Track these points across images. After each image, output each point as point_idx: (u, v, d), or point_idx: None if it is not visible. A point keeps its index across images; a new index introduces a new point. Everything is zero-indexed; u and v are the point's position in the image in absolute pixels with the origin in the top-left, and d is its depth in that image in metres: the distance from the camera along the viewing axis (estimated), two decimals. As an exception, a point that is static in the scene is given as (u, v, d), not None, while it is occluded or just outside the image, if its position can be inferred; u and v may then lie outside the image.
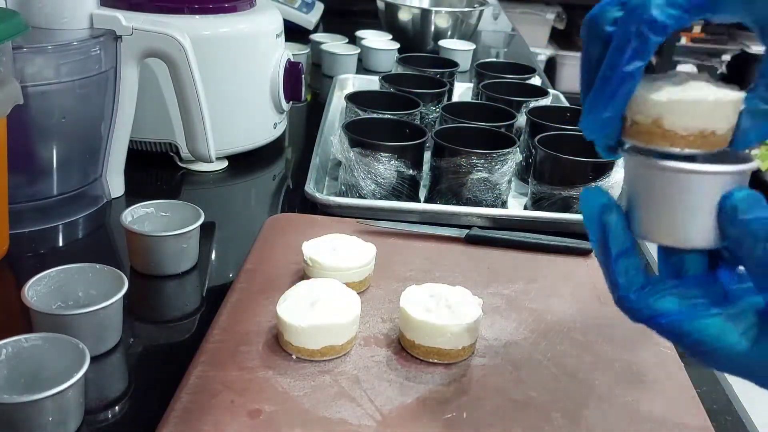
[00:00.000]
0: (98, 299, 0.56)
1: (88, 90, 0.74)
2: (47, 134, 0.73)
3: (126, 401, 0.54)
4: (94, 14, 0.73)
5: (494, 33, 1.93)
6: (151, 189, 0.87)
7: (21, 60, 0.66)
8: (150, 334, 0.63)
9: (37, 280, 0.57)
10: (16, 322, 0.60)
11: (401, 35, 1.53)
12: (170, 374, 0.54)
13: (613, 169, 0.81)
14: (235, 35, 0.89)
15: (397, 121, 0.90)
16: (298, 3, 1.57)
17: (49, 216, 0.75)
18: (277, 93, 0.95)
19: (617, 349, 0.59)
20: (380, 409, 0.51)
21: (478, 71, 1.16)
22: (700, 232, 0.39)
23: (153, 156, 0.90)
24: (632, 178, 0.41)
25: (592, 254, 0.73)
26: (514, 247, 0.74)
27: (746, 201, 0.37)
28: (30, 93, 0.67)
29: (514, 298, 0.66)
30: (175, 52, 0.77)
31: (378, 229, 0.75)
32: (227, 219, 0.84)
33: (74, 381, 0.47)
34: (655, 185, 0.39)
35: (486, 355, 0.58)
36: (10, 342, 0.50)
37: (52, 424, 0.47)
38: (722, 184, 0.38)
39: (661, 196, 0.39)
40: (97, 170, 0.79)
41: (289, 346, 0.55)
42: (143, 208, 0.70)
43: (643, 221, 0.40)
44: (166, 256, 0.67)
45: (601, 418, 0.52)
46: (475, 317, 0.56)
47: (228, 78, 0.89)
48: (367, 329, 0.60)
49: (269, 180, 0.97)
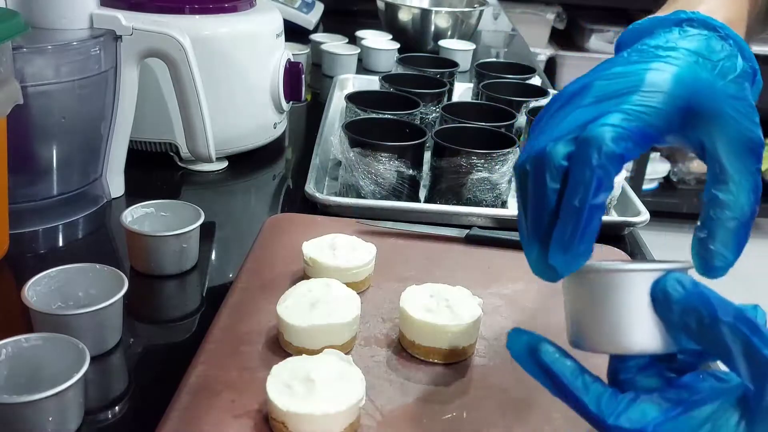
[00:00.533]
0: (98, 299, 0.56)
1: (88, 90, 0.74)
2: (47, 134, 0.73)
3: (126, 401, 0.54)
4: (94, 14, 0.73)
5: (494, 33, 1.92)
6: (151, 189, 0.87)
7: (21, 60, 0.66)
8: (150, 334, 0.63)
9: (37, 280, 0.57)
10: (16, 322, 0.60)
11: (401, 35, 1.53)
12: (170, 374, 0.54)
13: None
14: (235, 35, 0.89)
15: (397, 121, 0.89)
16: (298, 3, 1.57)
17: (49, 216, 0.75)
18: (277, 93, 0.95)
19: (617, 349, 0.59)
20: (381, 409, 0.51)
21: (478, 71, 1.16)
22: (645, 333, 0.39)
23: (153, 156, 0.90)
24: (573, 295, 0.42)
25: (592, 254, 0.73)
26: (514, 247, 0.74)
27: (676, 281, 0.38)
28: (30, 93, 0.67)
29: (514, 298, 0.66)
30: (175, 52, 0.77)
31: (378, 229, 0.75)
32: (227, 219, 0.84)
33: (74, 381, 0.47)
34: (594, 293, 0.40)
35: (486, 355, 0.58)
36: (10, 342, 0.50)
37: (52, 424, 0.47)
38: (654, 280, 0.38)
39: (601, 302, 0.40)
40: (97, 170, 0.79)
41: (289, 346, 0.55)
42: (143, 208, 0.70)
43: (588, 335, 0.41)
44: (166, 256, 0.67)
45: (602, 418, 0.52)
46: (475, 317, 0.56)
47: (228, 78, 0.89)
48: (367, 329, 0.60)
49: (269, 180, 0.97)
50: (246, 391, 0.51)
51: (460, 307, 0.57)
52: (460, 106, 1.00)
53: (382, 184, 0.80)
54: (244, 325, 0.58)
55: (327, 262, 0.63)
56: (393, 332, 0.59)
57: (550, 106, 0.42)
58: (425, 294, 0.59)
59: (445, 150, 0.81)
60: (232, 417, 0.49)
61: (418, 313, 0.56)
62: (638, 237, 0.83)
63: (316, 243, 0.66)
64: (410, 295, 0.58)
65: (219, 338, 0.57)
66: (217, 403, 0.50)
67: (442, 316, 0.56)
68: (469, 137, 0.86)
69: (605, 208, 0.39)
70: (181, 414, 0.49)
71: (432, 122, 0.99)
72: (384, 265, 0.67)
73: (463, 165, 0.80)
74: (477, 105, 1.04)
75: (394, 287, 0.64)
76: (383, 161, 0.79)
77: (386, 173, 0.80)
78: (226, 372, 0.53)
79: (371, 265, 0.65)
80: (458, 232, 0.75)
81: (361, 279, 0.64)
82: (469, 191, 0.81)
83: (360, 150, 0.80)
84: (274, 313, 0.56)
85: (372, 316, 0.61)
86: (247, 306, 0.61)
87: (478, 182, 0.80)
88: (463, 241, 0.75)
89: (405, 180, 0.81)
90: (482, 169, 0.80)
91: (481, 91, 1.05)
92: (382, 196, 0.81)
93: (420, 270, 0.69)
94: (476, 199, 0.81)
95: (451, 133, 0.84)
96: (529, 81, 1.15)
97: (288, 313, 0.55)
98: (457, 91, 1.19)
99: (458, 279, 0.67)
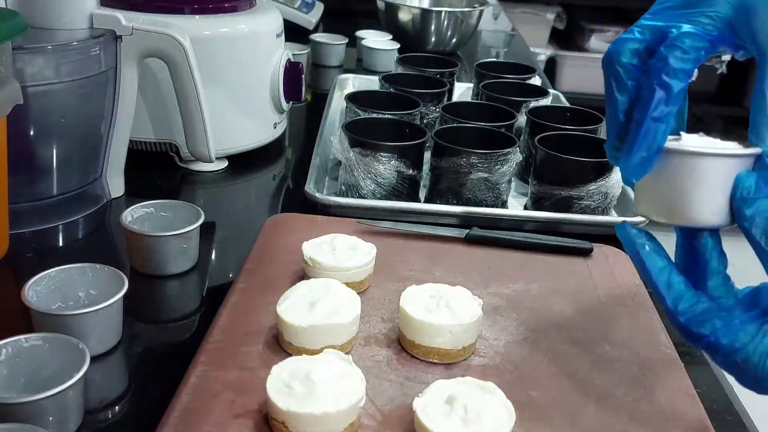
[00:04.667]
0: (98, 299, 0.56)
1: (88, 90, 0.74)
2: (47, 134, 0.73)
3: (126, 401, 0.54)
4: (94, 14, 0.73)
5: (494, 33, 1.93)
6: (151, 189, 0.87)
7: (21, 60, 0.66)
8: (150, 334, 0.63)
9: (37, 280, 0.57)
10: (16, 322, 0.60)
11: (401, 35, 1.53)
12: (170, 374, 0.54)
13: (613, 170, 0.81)
14: (235, 35, 0.89)
15: (397, 121, 0.90)
16: (298, 3, 1.57)
17: (49, 216, 0.75)
18: (277, 93, 0.95)
19: (617, 349, 0.59)
20: (381, 409, 0.51)
21: (478, 71, 1.16)
22: (715, 212, 0.43)
23: (153, 156, 0.90)
24: (655, 172, 0.45)
25: (593, 254, 0.73)
26: (514, 247, 0.74)
27: (759, 181, 0.42)
28: (30, 93, 0.67)
29: (514, 298, 0.66)
30: (175, 52, 0.77)
31: (378, 229, 0.75)
32: (227, 219, 0.84)
33: (74, 381, 0.47)
34: (677, 171, 0.44)
35: (486, 355, 0.58)
36: (10, 342, 0.50)
37: (52, 424, 0.47)
38: (736, 166, 0.43)
39: (683, 179, 0.44)
40: (97, 170, 0.79)
41: (289, 346, 0.55)
42: (143, 208, 0.70)
43: (665, 206, 0.45)
44: (166, 256, 0.67)
45: (601, 418, 0.52)
46: (475, 317, 0.56)
47: (228, 78, 0.89)
48: (367, 329, 0.60)
49: (269, 180, 0.97)
50: (246, 391, 0.51)
51: (460, 307, 0.57)
52: (460, 106, 1.00)
53: (382, 184, 0.80)
54: (244, 325, 0.58)
55: (327, 262, 0.63)
56: (393, 332, 0.59)
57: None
58: (425, 294, 0.59)
59: (445, 150, 0.81)
60: (232, 417, 0.49)
61: (418, 313, 0.56)
62: (638, 237, 0.83)
63: (316, 243, 0.66)
64: (410, 295, 0.58)
65: (219, 338, 0.57)
66: (217, 403, 0.50)
67: (442, 316, 0.56)
68: (469, 137, 0.86)
69: (670, 123, 0.44)
70: (181, 414, 0.49)
71: (432, 122, 1.00)
72: (384, 265, 0.67)
73: (463, 165, 0.80)
74: (477, 105, 1.05)
75: (394, 287, 0.64)
76: (383, 161, 0.79)
77: (386, 173, 0.80)
78: (226, 372, 0.53)
79: (371, 265, 0.65)
80: (458, 232, 0.75)
81: (361, 279, 0.64)
82: (469, 191, 0.81)
83: (360, 150, 0.80)
84: (274, 313, 0.56)
85: (372, 316, 0.61)
86: (247, 306, 0.61)
87: (478, 182, 0.80)
88: (463, 241, 0.75)
89: (405, 180, 0.81)
90: (482, 169, 0.80)
91: (481, 91, 1.05)
92: (382, 196, 0.81)
93: (420, 270, 0.69)
94: (476, 199, 0.81)
95: (451, 133, 0.84)
96: (529, 81, 1.15)
97: (288, 313, 0.55)
98: (457, 91, 1.19)
99: (458, 279, 0.67)
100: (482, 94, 1.05)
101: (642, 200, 0.47)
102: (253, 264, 0.68)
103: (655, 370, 0.57)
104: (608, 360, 0.58)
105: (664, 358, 0.59)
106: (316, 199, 0.80)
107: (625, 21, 2.95)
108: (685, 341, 0.44)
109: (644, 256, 0.45)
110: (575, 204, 0.81)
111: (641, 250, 0.45)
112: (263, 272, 0.66)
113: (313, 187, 0.81)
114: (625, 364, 0.58)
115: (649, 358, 0.59)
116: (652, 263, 0.45)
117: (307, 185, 0.82)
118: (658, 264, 0.45)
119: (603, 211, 0.82)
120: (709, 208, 0.43)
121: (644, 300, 0.67)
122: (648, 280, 0.45)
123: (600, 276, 0.70)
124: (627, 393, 0.54)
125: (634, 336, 0.61)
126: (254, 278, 0.65)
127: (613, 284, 0.69)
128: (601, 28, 2.92)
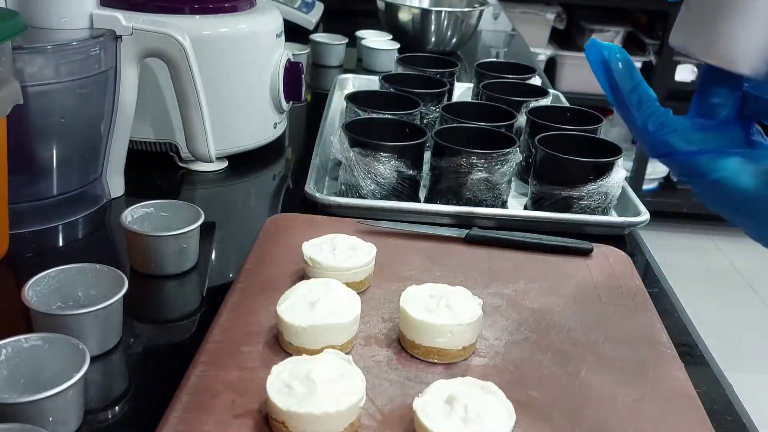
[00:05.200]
0: (98, 299, 0.56)
1: (87, 90, 0.74)
2: (47, 134, 0.73)
3: (126, 401, 0.54)
4: (94, 14, 0.73)
5: (494, 33, 1.93)
6: (151, 189, 0.87)
7: (21, 60, 0.66)
8: (150, 334, 0.63)
9: (37, 280, 0.57)
10: (16, 322, 0.60)
11: (401, 35, 1.53)
12: (170, 374, 0.54)
13: (613, 170, 0.81)
14: (235, 35, 0.89)
15: (397, 121, 0.89)
16: (298, 3, 1.57)
17: (49, 216, 0.75)
18: (277, 93, 0.95)
19: (618, 349, 0.59)
20: (381, 409, 0.51)
21: (478, 71, 1.16)
22: (750, 54, 0.39)
23: (153, 156, 0.90)
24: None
25: (593, 254, 0.73)
26: (514, 247, 0.74)
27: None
28: (30, 93, 0.67)
29: (514, 298, 0.66)
30: (175, 52, 0.77)
31: (378, 229, 0.75)
32: (227, 219, 0.84)
33: (74, 381, 0.47)
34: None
35: (486, 355, 0.58)
36: (10, 342, 0.50)
37: (52, 424, 0.47)
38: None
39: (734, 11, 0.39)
40: (97, 170, 0.79)
41: (290, 346, 0.55)
42: (143, 208, 0.70)
43: (700, 34, 0.41)
44: (166, 256, 0.67)
45: (602, 418, 0.52)
46: (475, 317, 0.56)
47: (228, 78, 0.89)
48: (367, 329, 0.60)
49: (269, 180, 0.97)
50: (246, 391, 0.51)
51: (460, 307, 0.57)
52: (460, 106, 1.00)
53: (382, 184, 0.80)
54: (244, 325, 0.58)
55: (327, 262, 0.63)
56: (393, 332, 0.59)
57: None
58: (425, 294, 0.59)
59: (445, 150, 0.81)
60: (232, 417, 0.49)
61: (418, 313, 0.56)
62: (638, 237, 0.83)
63: (316, 243, 0.66)
64: (410, 295, 0.58)
65: (219, 338, 0.57)
66: (217, 403, 0.50)
67: (442, 316, 0.56)
68: (469, 137, 0.86)
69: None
70: (181, 414, 0.49)
71: (432, 122, 0.99)
72: (384, 265, 0.67)
73: (463, 165, 0.80)
74: (477, 105, 1.04)
75: (394, 287, 0.64)
76: (383, 161, 0.79)
77: (386, 173, 0.80)
78: (226, 372, 0.53)
79: (371, 265, 0.65)
80: (458, 232, 0.75)
81: (361, 279, 0.64)
82: (469, 191, 0.81)
83: (360, 150, 0.80)
84: (274, 313, 0.56)
85: (372, 316, 0.61)
86: (247, 306, 0.61)
87: (478, 182, 0.80)
88: (463, 241, 0.75)
89: (405, 180, 0.81)
90: (482, 169, 0.80)
91: (481, 91, 1.05)
92: (382, 196, 0.81)
93: (420, 270, 0.69)
94: (476, 199, 0.81)
95: (451, 133, 0.84)
96: (529, 81, 1.15)
97: (288, 313, 0.55)
98: (457, 91, 1.19)
99: (458, 279, 0.67)
100: (482, 94, 1.05)
101: (682, 28, 0.42)
102: (253, 264, 0.68)
103: (655, 370, 0.57)
104: (609, 360, 0.58)
105: (664, 358, 0.59)
106: (316, 199, 0.80)
107: (626, 21, 2.96)
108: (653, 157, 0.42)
109: (615, 70, 0.42)
110: (575, 204, 0.81)
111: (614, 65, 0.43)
112: (263, 272, 0.66)
113: (313, 187, 0.81)
114: (625, 364, 0.58)
115: (649, 358, 0.59)
116: (623, 81, 0.42)
117: (307, 185, 0.82)
118: (628, 80, 0.42)
119: (603, 211, 0.82)
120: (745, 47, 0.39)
121: (644, 300, 0.67)
122: (616, 97, 0.43)
123: (600, 276, 0.70)
124: (627, 393, 0.54)
125: (634, 336, 0.61)
126: (254, 278, 0.65)
127: (613, 284, 0.69)
128: (601, 28, 2.91)
